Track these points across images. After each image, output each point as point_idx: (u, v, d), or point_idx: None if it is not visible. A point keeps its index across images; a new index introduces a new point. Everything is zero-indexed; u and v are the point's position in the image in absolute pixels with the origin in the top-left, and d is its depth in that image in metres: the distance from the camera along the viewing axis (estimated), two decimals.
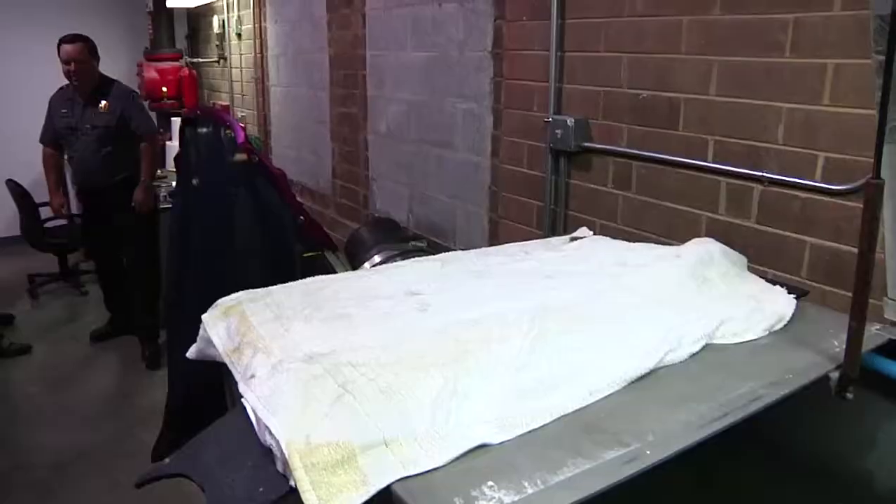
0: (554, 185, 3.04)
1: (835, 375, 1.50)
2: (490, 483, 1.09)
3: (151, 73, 6.63)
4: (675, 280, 1.73)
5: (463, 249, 2.83)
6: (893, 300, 1.70)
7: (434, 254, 2.19)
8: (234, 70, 6.75)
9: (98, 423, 3.84)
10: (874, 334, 1.67)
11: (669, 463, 1.17)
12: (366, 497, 1.09)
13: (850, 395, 1.51)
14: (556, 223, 3.05)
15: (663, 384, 1.40)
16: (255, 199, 3.09)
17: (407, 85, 4.02)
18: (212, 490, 1.31)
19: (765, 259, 2.32)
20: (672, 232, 2.56)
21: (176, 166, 3.31)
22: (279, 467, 1.21)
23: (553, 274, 1.82)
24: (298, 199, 3.95)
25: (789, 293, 1.81)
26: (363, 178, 4.66)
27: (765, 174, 2.32)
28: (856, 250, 1.46)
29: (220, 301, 1.79)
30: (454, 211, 3.71)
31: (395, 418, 1.21)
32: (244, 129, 3.65)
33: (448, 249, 3.45)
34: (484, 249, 2.06)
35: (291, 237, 3.18)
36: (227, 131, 3.00)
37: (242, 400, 1.38)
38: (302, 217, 3.30)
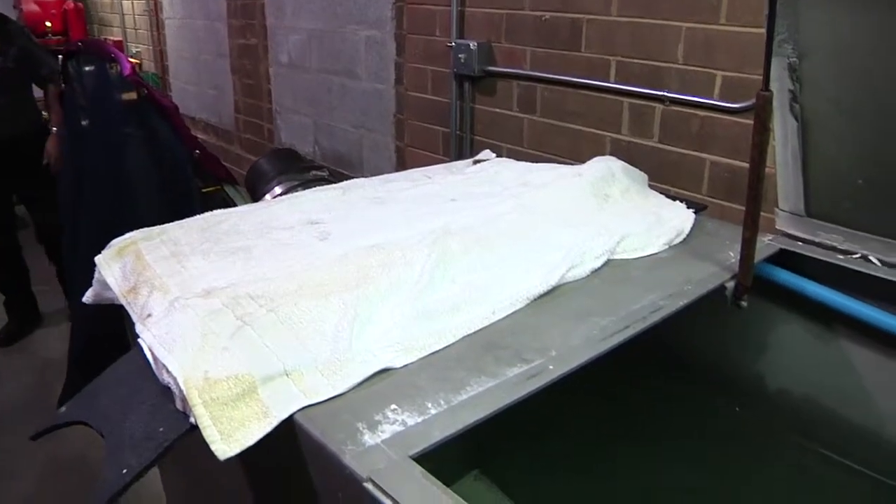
0: (459, 110, 3.01)
1: (730, 285, 1.55)
2: (393, 406, 1.08)
3: (31, 7, 6.18)
4: (577, 198, 1.74)
5: None
6: (784, 211, 1.76)
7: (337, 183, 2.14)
8: (124, 2, 6.38)
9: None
10: (767, 244, 1.72)
11: (572, 376, 1.19)
12: (268, 428, 1.07)
13: (744, 304, 1.57)
14: (462, 149, 3.04)
15: (566, 300, 1.41)
16: (149, 137, 2.95)
17: (307, 13, 3.88)
18: (111, 434, 1.26)
19: (667, 177, 2.37)
20: (577, 153, 2.57)
21: (61, 106, 3.12)
22: (178, 405, 1.17)
23: (456, 197, 1.80)
24: (195, 133, 3.80)
25: (688, 208, 1.84)
26: (266, 111, 4.52)
27: (666, 94, 2.35)
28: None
29: (113, 241, 1.71)
30: (360, 141, 3.64)
31: (295, 348, 1.18)
32: (134, 63, 3.45)
33: None
34: (386, 176, 2.02)
35: (188, 173, 3.07)
36: (113, 66, 2.83)
37: (139, 340, 1.33)
38: (198, 151, 3.18)
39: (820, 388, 1.78)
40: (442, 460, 1.80)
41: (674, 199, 1.90)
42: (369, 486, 0.94)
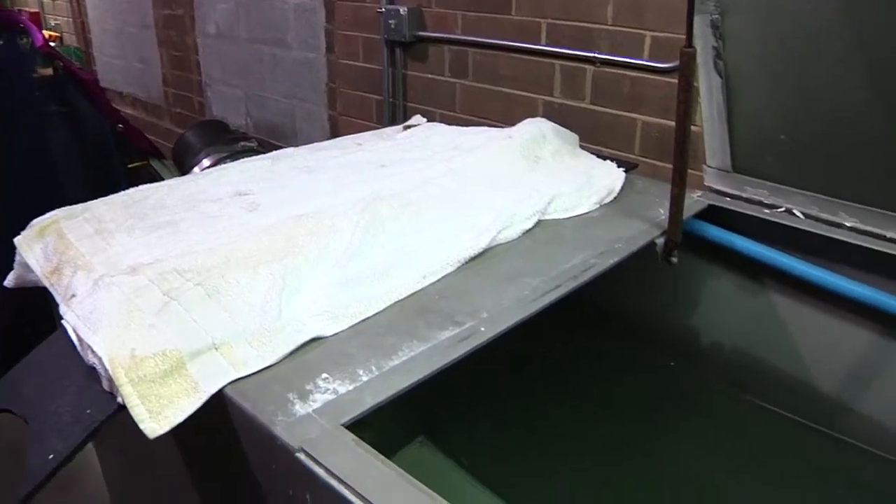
0: (391, 77, 2.98)
1: (660, 241, 1.57)
2: (325, 375, 1.07)
3: None
4: (507, 160, 1.73)
5: None
6: (712, 168, 1.78)
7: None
8: None
9: None
10: (696, 201, 1.75)
11: (507, 337, 1.19)
12: (198, 404, 1.05)
13: (674, 260, 1.59)
14: (395, 116, 3.01)
15: (497, 262, 1.41)
16: (69, 114, 2.83)
17: None
18: (35, 420, 1.23)
19: (600, 138, 2.39)
20: (510, 117, 2.57)
21: None
22: (105, 386, 1.14)
23: (386, 163, 1.78)
24: (123, 108, 3.67)
25: (619, 167, 1.85)
26: (196, 83, 4.40)
27: (596, 55, 2.36)
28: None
29: (34, 222, 1.65)
30: (293, 111, 3.58)
31: (223, 321, 1.16)
32: (52, 36, 3.31)
33: None
34: (316, 144, 1.98)
35: (112, 148, 2.96)
36: (24, 39, 2.70)
37: (62, 322, 1.29)
38: (120, 125, 3.07)
39: (750, 339, 1.83)
40: (387, 428, 1.81)
41: (605, 159, 1.92)
42: (301, 456, 0.93)
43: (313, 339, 1.16)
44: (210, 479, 1.31)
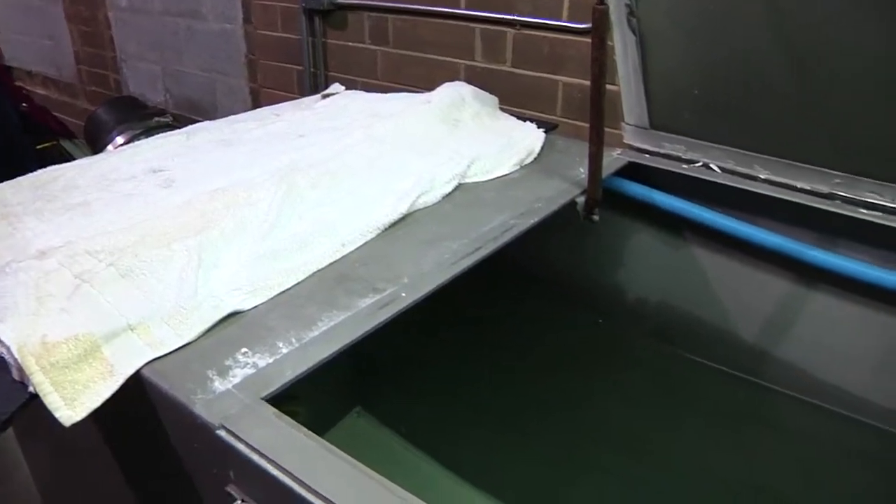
0: (311, 46, 2.92)
1: (581, 200, 1.58)
2: (244, 350, 1.05)
3: None
4: (427, 125, 1.72)
5: None
6: (630, 125, 1.80)
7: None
8: None
9: None
10: (615, 158, 1.76)
11: (433, 303, 1.19)
12: (115, 387, 1.02)
13: (595, 218, 1.61)
14: (317, 86, 2.96)
15: (417, 227, 1.40)
16: None
17: None
18: None
19: (522, 100, 2.39)
20: (432, 83, 2.53)
21: None
22: (15, 376, 1.10)
23: (305, 133, 1.75)
24: (33, 88, 3.52)
25: (539, 128, 1.86)
26: (111, 60, 4.24)
27: (516, 18, 2.35)
28: (608, 86, 1.51)
29: None
30: (213, 85, 3.49)
31: (138, 301, 1.13)
32: None
33: None
34: (233, 117, 1.93)
35: (17, 129, 2.84)
36: None
37: None
38: (25, 104, 2.95)
39: (673, 292, 1.87)
40: (322, 401, 1.81)
41: (526, 121, 1.92)
42: (222, 433, 0.92)
43: (232, 314, 1.13)
44: (135, 463, 1.29)
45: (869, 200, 1.53)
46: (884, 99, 1.40)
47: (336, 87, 2.19)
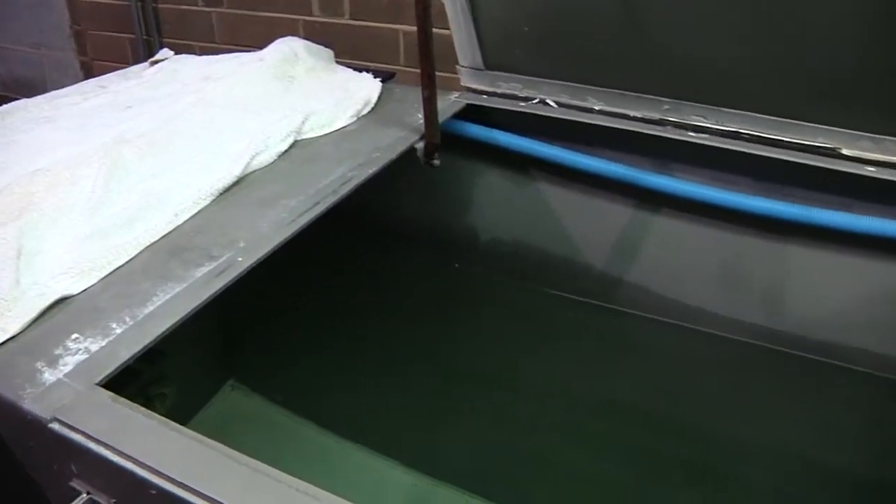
0: (141, 11, 2.77)
1: (420, 146, 1.58)
2: (75, 335, 1.00)
3: None
4: (260, 83, 1.67)
5: None
6: (465, 67, 1.81)
7: None
8: None
9: None
10: (454, 102, 1.77)
11: (290, 266, 1.17)
12: None
13: (436, 162, 1.62)
14: (153, 55, 2.82)
15: (253, 189, 1.37)
16: None
17: None
18: None
19: (363, 53, 2.36)
20: (272, 41, 2.48)
21: None
22: None
23: (133, 104, 1.67)
24: None
25: (375, 77, 1.84)
26: None
27: None
28: (442, 31, 1.50)
29: None
30: (41, 61, 3.26)
31: None
32: None
33: None
34: (54, 93, 1.81)
35: None
36: None
37: None
38: None
39: (524, 229, 1.91)
40: (192, 377, 1.75)
41: (363, 71, 1.89)
42: (55, 425, 0.87)
43: (60, 300, 1.08)
44: None
45: (696, 124, 1.60)
46: (700, 24, 1.45)
47: (164, 52, 2.09)
